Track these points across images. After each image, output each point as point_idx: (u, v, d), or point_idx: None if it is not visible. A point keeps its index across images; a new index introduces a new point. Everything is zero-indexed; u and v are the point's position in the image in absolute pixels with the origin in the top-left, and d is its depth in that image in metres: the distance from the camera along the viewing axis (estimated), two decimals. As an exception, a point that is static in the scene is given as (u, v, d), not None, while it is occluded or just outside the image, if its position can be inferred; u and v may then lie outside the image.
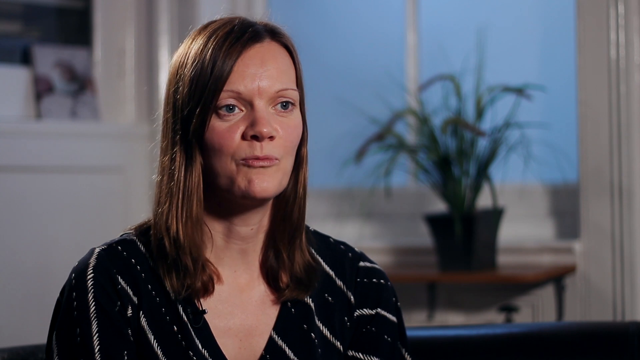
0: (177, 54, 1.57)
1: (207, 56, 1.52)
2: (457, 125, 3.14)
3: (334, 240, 1.70)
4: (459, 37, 3.48)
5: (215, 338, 1.56)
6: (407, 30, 3.61)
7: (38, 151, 3.38)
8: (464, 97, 3.18)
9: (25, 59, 3.47)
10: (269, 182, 1.52)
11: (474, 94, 3.19)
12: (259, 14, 3.77)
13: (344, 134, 3.60)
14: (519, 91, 3.15)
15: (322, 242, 1.68)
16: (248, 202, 1.54)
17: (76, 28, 3.65)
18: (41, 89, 3.45)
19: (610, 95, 3.08)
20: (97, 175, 3.53)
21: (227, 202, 1.55)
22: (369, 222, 3.59)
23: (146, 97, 3.65)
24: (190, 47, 1.55)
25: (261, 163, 1.51)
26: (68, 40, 3.61)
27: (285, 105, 1.54)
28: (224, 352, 1.56)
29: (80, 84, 3.56)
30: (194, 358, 1.54)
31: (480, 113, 3.16)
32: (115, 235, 1.60)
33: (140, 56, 3.68)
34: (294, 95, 1.55)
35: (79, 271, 1.55)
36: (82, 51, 3.59)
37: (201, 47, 1.53)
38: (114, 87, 3.66)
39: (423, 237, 3.39)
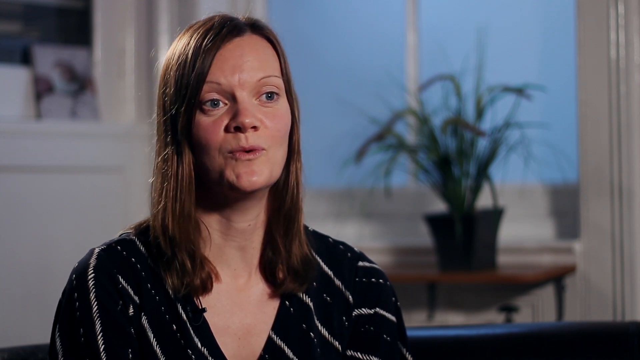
0: (165, 56, 1.59)
1: (189, 54, 1.53)
2: (457, 125, 3.14)
3: (333, 240, 1.70)
4: (459, 37, 3.48)
5: (215, 336, 1.56)
6: (407, 30, 3.61)
7: (38, 151, 3.38)
8: (464, 97, 3.18)
9: (25, 59, 3.47)
10: (258, 174, 1.52)
11: (474, 94, 3.19)
12: (258, 14, 3.77)
13: (344, 134, 3.60)
14: (519, 91, 3.15)
15: (321, 242, 1.68)
16: (239, 196, 1.54)
17: (76, 28, 3.65)
18: (41, 89, 3.45)
19: (610, 95, 3.08)
20: (97, 175, 3.53)
21: (221, 197, 1.56)
22: (369, 222, 3.59)
23: (146, 97, 3.65)
24: (175, 49, 1.57)
25: (248, 156, 1.51)
26: (68, 40, 3.61)
27: (270, 95, 1.55)
28: (223, 351, 1.56)
29: (80, 84, 3.56)
30: (193, 357, 1.54)
31: (480, 113, 3.16)
32: (115, 235, 1.61)
33: (140, 56, 3.69)
34: (278, 83, 1.56)
35: (80, 272, 1.55)
36: (82, 51, 3.59)
37: (184, 47, 1.55)
38: (114, 87, 3.66)
39: (423, 237, 3.39)
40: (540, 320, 3.17)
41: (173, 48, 1.58)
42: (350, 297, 1.66)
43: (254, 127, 1.52)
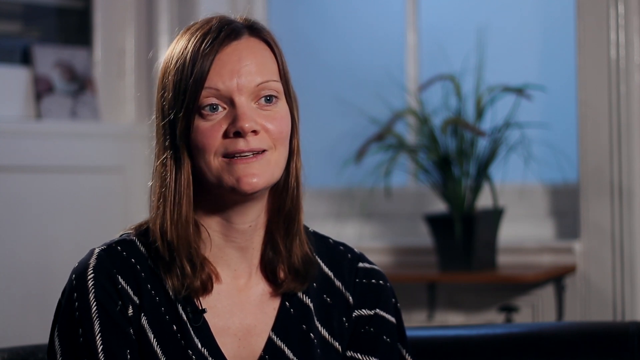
0: (163, 58, 1.59)
1: (187, 59, 1.53)
2: (457, 125, 3.14)
3: (334, 241, 1.70)
4: (459, 37, 3.48)
5: (215, 337, 1.56)
6: (407, 30, 3.61)
7: (38, 151, 3.38)
8: (464, 97, 3.18)
9: (25, 59, 3.47)
10: (258, 176, 1.52)
11: (474, 94, 3.19)
12: (258, 14, 3.76)
13: (344, 134, 3.60)
14: (519, 91, 3.15)
15: (322, 243, 1.68)
16: (239, 198, 1.54)
17: (76, 28, 3.65)
18: (41, 89, 3.45)
19: (610, 95, 3.08)
20: (97, 175, 3.53)
21: (221, 200, 1.56)
22: (369, 222, 3.59)
23: (146, 97, 3.65)
24: (173, 51, 1.57)
25: (248, 160, 1.51)
26: (68, 40, 3.61)
27: (269, 98, 1.55)
28: (223, 351, 1.56)
29: (80, 84, 3.56)
30: (193, 357, 1.54)
31: (480, 113, 3.16)
32: (115, 236, 1.61)
33: (140, 56, 3.69)
34: (276, 87, 1.55)
35: (79, 272, 1.55)
36: (82, 51, 3.59)
37: (182, 50, 1.54)
38: (114, 87, 3.66)
39: (423, 237, 3.39)
40: (540, 320, 3.17)
41: (171, 51, 1.57)
42: (350, 298, 1.66)
43: (254, 132, 1.52)
